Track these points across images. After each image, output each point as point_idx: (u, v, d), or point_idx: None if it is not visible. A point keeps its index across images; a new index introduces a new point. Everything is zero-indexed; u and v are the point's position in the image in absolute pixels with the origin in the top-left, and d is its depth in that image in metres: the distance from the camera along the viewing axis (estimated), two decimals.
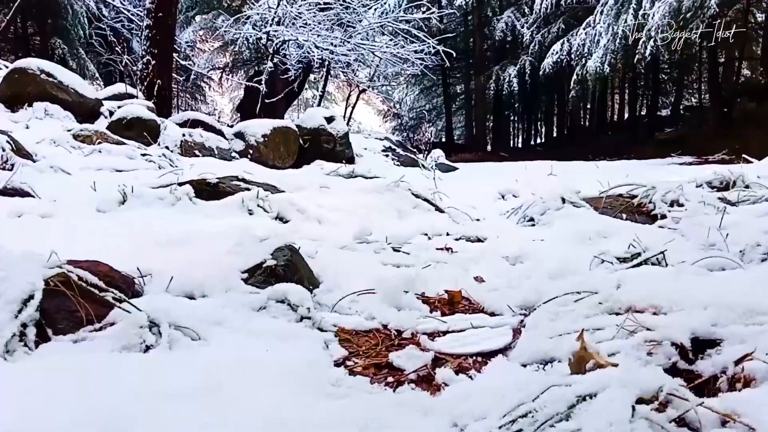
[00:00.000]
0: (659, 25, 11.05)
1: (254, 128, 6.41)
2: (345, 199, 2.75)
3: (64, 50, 16.12)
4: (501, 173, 10.32)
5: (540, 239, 2.42)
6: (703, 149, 14.12)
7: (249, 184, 2.71)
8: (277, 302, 1.24)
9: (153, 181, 2.75)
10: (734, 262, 1.97)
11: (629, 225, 2.40)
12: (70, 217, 2.11)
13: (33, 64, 6.19)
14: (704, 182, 2.77)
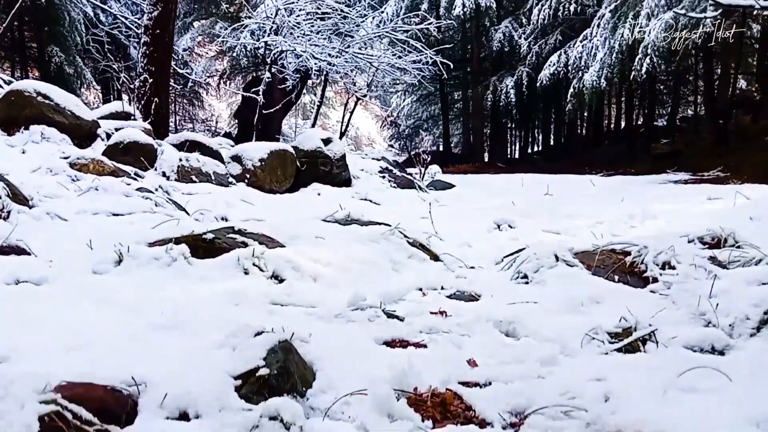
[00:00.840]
0: (655, 41, 11.10)
1: (251, 152, 6.42)
2: (340, 251, 2.76)
3: (61, 58, 16.10)
4: (497, 191, 10.34)
5: (534, 301, 2.44)
6: (698, 165, 14.17)
7: (245, 236, 2.72)
8: (270, 419, 1.25)
9: (149, 234, 2.76)
10: (724, 338, 2.00)
11: (621, 289, 2.43)
12: (66, 287, 2.12)
13: (30, 86, 6.20)
14: (696, 237, 2.79)
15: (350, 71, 16.89)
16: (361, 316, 2.15)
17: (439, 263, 3.15)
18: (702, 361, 1.77)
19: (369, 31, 15.79)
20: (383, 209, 6.25)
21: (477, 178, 15.81)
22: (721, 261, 2.59)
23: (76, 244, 2.65)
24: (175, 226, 2.87)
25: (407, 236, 3.18)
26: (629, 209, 6.16)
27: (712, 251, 2.67)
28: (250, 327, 1.58)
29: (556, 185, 11.05)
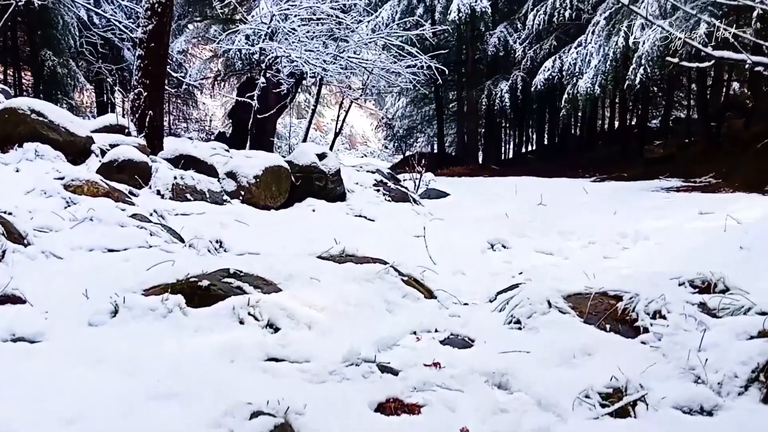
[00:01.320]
0: (649, 52, 11.14)
1: (246, 169, 6.43)
2: (335, 293, 2.78)
3: (54, 61, 16.05)
4: (491, 200, 10.37)
5: (526, 350, 2.46)
6: (690, 171, 14.19)
7: (240, 280, 2.74)
8: None
9: (144, 276, 2.77)
10: (713, 397, 2.03)
11: (613, 340, 2.46)
12: (62, 344, 2.14)
13: (24, 104, 6.18)
14: (687, 281, 2.82)
15: (345, 77, 16.89)
16: (356, 372, 2.17)
17: (433, 301, 3.17)
18: (690, 425, 1.80)
19: (364, 36, 15.78)
20: (378, 225, 6.28)
21: (471, 182, 15.87)
22: (710, 308, 2.62)
23: (72, 288, 2.67)
24: (170, 267, 2.88)
25: (401, 273, 3.20)
26: (621, 226, 6.19)
27: (702, 296, 2.70)
28: (246, 405, 1.60)
29: (549, 193, 11.07)
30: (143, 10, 7.90)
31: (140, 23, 7.92)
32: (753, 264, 3.51)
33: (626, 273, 3.91)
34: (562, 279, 4.09)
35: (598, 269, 4.44)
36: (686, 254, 4.33)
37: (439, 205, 9.42)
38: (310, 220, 6.04)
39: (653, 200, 9.80)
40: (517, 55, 18.27)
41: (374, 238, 5.50)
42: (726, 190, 10.98)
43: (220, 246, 4.90)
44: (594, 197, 10.51)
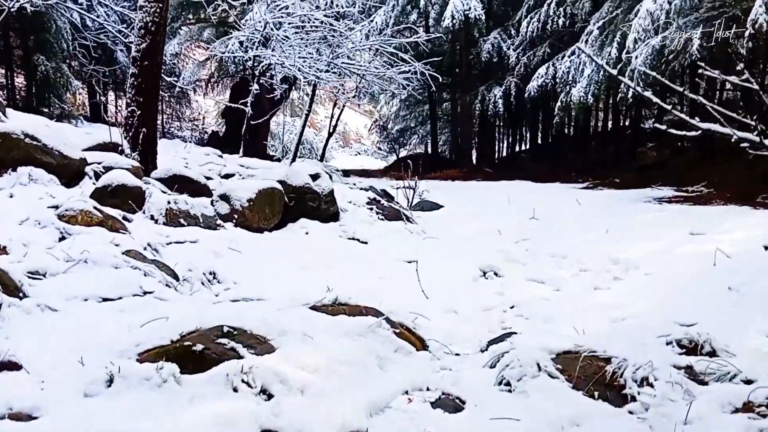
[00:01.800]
0: (642, 66, 11.19)
1: (239, 192, 6.45)
2: (327, 352, 2.82)
3: (47, 66, 15.99)
4: (484, 211, 10.41)
5: (516, 418, 2.50)
6: (682, 179, 14.27)
7: (234, 340, 2.77)
8: None
9: (138, 334, 2.81)
10: None
11: (601, 410, 2.50)
12: (57, 421, 2.16)
13: (18, 128, 6.19)
14: (674, 340, 2.87)
15: (340, 84, 16.89)
16: None
17: (424, 352, 3.21)
18: None
19: (358, 43, 15.79)
20: (370, 250, 6.31)
21: (464, 188, 15.89)
22: (697, 373, 2.66)
23: (69, 348, 2.69)
24: (164, 324, 2.91)
25: (393, 324, 3.24)
26: (613, 250, 6.22)
27: (689, 359, 2.75)
28: None
29: (542, 205, 11.11)
30: (137, 29, 7.91)
31: (134, 42, 7.92)
32: (740, 311, 3.56)
33: (616, 315, 3.97)
34: (553, 320, 4.14)
35: (588, 305, 4.50)
36: (675, 292, 4.38)
37: (432, 219, 9.44)
38: (303, 245, 6.06)
39: (645, 213, 9.83)
40: (511, 61, 18.32)
41: (367, 266, 5.55)
42: (717, 201, 11.04)
43: (213, 277, 4.94)
44: (586, 210, 10.51)
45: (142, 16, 7.80)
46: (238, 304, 3.54)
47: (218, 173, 12.17)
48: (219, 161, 13.96)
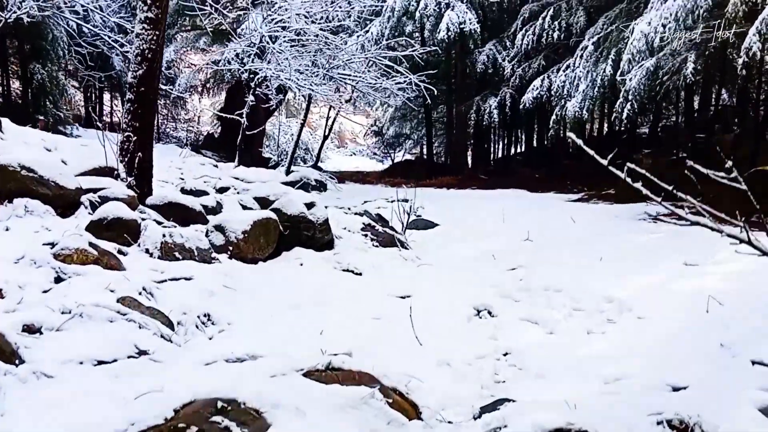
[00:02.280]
0: (636, 88, 11.25)
1: (234, 224, 6.47)
2: (319, 429, 2.86)
3: (43, 75, 15.99)
4: (479, 229, 10.45)
5: None
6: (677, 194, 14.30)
7: (227, 417, 2.80)
8: None
9: (133, 409, 2.83)
10: None
11: None
12: None
13: (14, 161, 6.21)
14: (665, 420, 2.91)
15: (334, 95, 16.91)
16: None
17: (417, 422, 3.25)
18: None
19: (353, 57, 15.83)
20: (364, 283, 6.35)
21: (459, 199, 15.92)
22: None
23: (64, 425, 2.72)
24: (158, 397, 2.94)
25: (386, 393, 3.28)
26: (606, 286, 6.25)
27: None
28: None
29: (536, 223, 11.17)
30: (133, 55, 7.91)
31: (131, 68, 7.92)
32: (733, 377, 3.60)
33: (609, 373, 4.02)
34: (546, 375, 4.19)
35: (582, 356, 4.55)
36: (668, 346, 4.42)
37: (426, 240, 9.49)
38: (296, 279, 6.09)
39: (639, 235, 9.86)
40: (506, 73, 18.39)
41: (361, 304, 5.59)
42: (712, 221, 11.09)
43: (208, 319, 4.98)
44: (581, 229, 10.53)
45: (138, 44, 7.80)
46: (232, 367, 3.56)
47: (213, 186, 12.19)
48: (214, 173, 13.99)
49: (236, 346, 4.17)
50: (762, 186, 12.76)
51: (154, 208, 7.10)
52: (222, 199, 10.83)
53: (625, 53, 11.66)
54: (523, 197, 16.00)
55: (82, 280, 4.82)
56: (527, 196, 16.65)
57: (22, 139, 10.74)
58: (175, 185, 11.59)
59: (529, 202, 14.13)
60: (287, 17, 14.51)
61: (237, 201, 10.95)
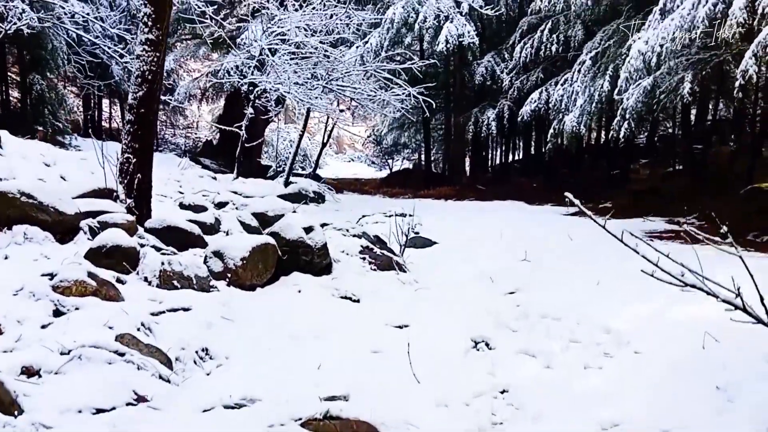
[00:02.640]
0: (633, 107, 11.30)
1: (233, 250, 6.49)
2: None
3: (42, 85, 16.01)
4: (477, 246, 10.46)
5: None
6: (675, 208, 14.38)
7: None
8: None
9: None
10: None
11: None
12: None
13: (14, 187, 6.23)
14: None
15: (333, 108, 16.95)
16: None
17: None
18: None
19: (352, 68, 15.86)
20: (362, 311, 6.36)
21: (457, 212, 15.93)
22: None
23: None
24: None
25: None
26: (603, 315, 6.27)
27: None
28: None
29: (534, 240, 11.19)
30: (133, 77, 7.94)
31: (131, 89, 7.95)
32: (728, 422, 3.64)
33: (605, 417, 4.04)
34: (542, 416, 4.21)
35: (579, 394, 4.58)
36: (664, 384, 4.45)
37: (424, 260, 9.48)
38: (294, 309, 6.10)
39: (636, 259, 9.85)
40: (504, 85, 18.45)
41: (359, 335, 5.60)
42: (709, 241, 11.13)
43: (206, 353, 5.00)
44: (578, 248, 10.53)
45: (139, 65, 7.83)
46: (230, 415, 3.57)
47: (212, 201, 12.23)
48: (213, 186, 14.01)
49: (234, 384, 4.20)
50: (758, 202, 12.83)
51: (153, 232, 7.12)
52: (220, 215, 10.85)
53: (622, 71, 11.70)
54: (521, 210, 16.03)
55: (81, 315, 4.84)
56: (525, 209, 16.67)
57: (22, 154, 10.77)
58: (173, 200, 11.62)
59: (526, 217, 14.15)
60: (287, 30, 14.55)
61: (236, 217, 10.97)
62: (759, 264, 9.02)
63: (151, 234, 7.02)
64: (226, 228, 10.70)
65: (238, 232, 10.79)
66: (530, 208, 17.48)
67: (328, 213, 15.25)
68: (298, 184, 16.46)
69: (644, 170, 23.08)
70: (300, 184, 16.41)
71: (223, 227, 10.69)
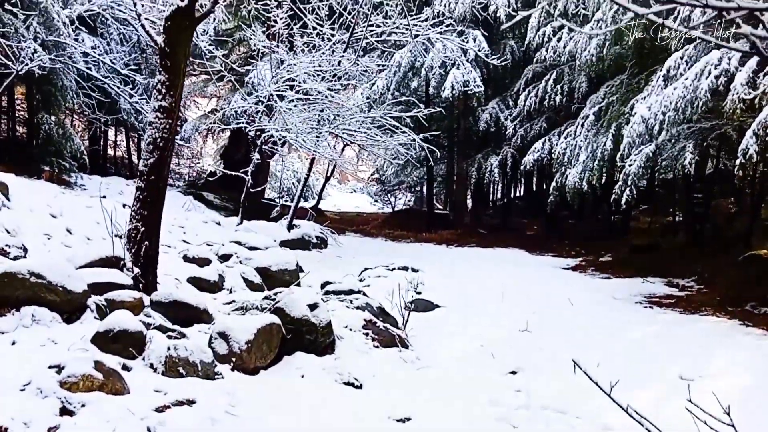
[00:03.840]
0: (636, 173, 11.43)
1: (238, 332, 6.55)
2: None
3: (50, 124, 16.17)
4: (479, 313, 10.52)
5: None
6: (673, 268, 14.49)
7: None
8: None
9: None
10: None
11: None
12: None
13: (24, 268, 6.31)
14: None
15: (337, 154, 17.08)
16: None
17: None
18: None
19: (359, 116, 16.02)
20: (363, 399, 6.40)
21: (459, 262, 15.99)
22: None
23: None
24: None
25: None
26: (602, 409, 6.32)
27: None
28: None
29: (535, 303, 11.28)
30: (145, 143, 8.08)
31: (142, 156, 8.08)
32: None
33: None
34: None
35: None
36: None
37: (427, 329, 9.46)
38: (296, 398, 6.15)
39: (636, 328, 9.99)
40: (508, 132, 18.63)
41: None
42: (707, 310, 11.24)
43: None
44: (579, 317, 10.61)
45: (151, 132, 7.96)
46: None
47: (216, 253, 12.30)
48: (216, 234, 14.11)
49: None
50: (756, 269, 12.84)
51: (160, 307, 7.19)
52: (224, 271, 10.95)
53: (625, 135, 11.85)
54: (522, 263, 16.13)
55: (87, 414, 4.90)
56: (526, 261, 16.78)
57: (29, 206, 10.89)
58: (178, 252, 11.71)
59: (527, 273, 14.22)
60: (296, 75, 14.75)
61: (239, 274, 11.08)
62: (759, 344, 9.13)
63: (157, 310, 7.09)
64: (230, 285, 10.80)
65: (241, 289, 10.91)
66: (531, 259, 17.59)
67: (330, 261, 15.34)
68: (301, 228, 16.55)
69: (644, 217, 23.22)
70: (303, 229, 16.50)
71: (227, 284, 10.79)
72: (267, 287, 11.32)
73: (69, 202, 12.32)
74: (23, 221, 9.82)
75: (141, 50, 19.61)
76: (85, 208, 12.36)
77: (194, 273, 10.44)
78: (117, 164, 26.78)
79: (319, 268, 14.16)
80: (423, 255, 16.67)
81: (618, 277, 14.49)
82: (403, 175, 25.95)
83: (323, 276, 12.62)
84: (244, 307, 8.72)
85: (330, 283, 10.92)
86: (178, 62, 8.05)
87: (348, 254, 16.29)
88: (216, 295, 10.18)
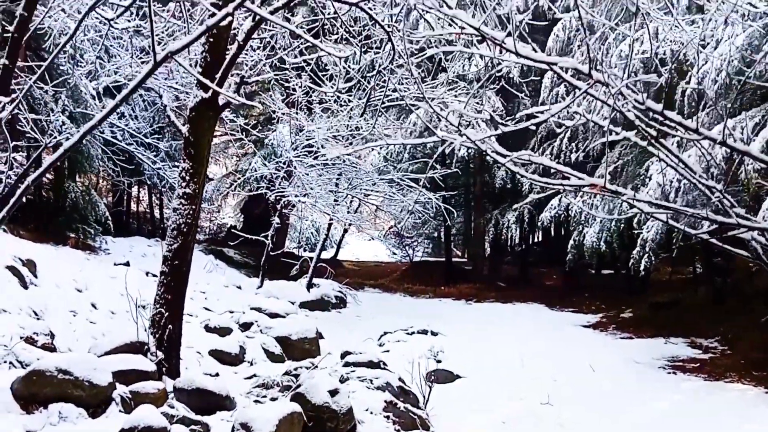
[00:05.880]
0: (654, 238, 11.46)
1: (260, 423, 6.61)
2: None
3: (76, 193, 16.59)
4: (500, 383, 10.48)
5: None
6: (695, 328, 14.35)
7: None
8: None
9: None
10: None
11: None
12: None
13: (52, 365, 6.46)
14: None
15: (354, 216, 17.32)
16: None
17: None
18: None
19: (376, 178, 16.24)
20: None
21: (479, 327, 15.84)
22: None
23: None
24: None
25: None
26: None
27: None
28: None
29: (556, 369, 11.21)
30: (169, 229, 8.29)
31: (166, 241, 8.28)
32: None
33: None
34: None
35: None
36: None
37: (447, 401, 9.41)
38: None
39: (661, 398, 9.90)
40: (524, 189, 18.74)
41: None
42: (731, 375, 11.11)
43: None
44: (602, 385, 10.53)
45: (175, 218, 8.18)
46: None
47: (236, 321, 12.43)
48: (237, 299, 14.30)
49: None
50: None
51: (182, 394, 7.30)
52: (245, 342, 11.10)
53: (642, 200, 11.89)
54: (542, 321, 16.08)
55: None
56: (546, 319, 16.73)
57: (55, 282, 11.15)
58: (200, 321, 11.87)
59: (547, 333, 14.16)
60: (314, 140, 15.08)
61: (260, 345, 11.22)
62: None
63: (180, 399, 7.21)
64: (251, 357, 10.94)
65: (262, 361, 11.03)
66: (551, 315, 17.54)
67: (350, 322, 15.42)
68: (320, 288, 16.67)
69: (665, 266, 23.01)
70: (322, 289, 16.63)
71: (248, 356, 10.94)
72: (287, 356, 11.44)
73: (93, 272, 12.58)
74: (50, 299, 10.06)
75: (165, 114, 20.17)
76: (110, 279, 12.61)
77: (215, 345, 10.61)
78: (140, 219, 27.21)
79: (338, 331, 14.24)
80: (442, 313, 16.68)
81: (639, 337, 14.37)
82: (421, 228, 26.11)
83: (343, 339, 12.69)
84: (265, 384, 8.85)
85: (350, 353, 10.96)
86: (202, 150, 8.33)
87: (367, 314, 16.37)
88: (237, 369, 10.32)
